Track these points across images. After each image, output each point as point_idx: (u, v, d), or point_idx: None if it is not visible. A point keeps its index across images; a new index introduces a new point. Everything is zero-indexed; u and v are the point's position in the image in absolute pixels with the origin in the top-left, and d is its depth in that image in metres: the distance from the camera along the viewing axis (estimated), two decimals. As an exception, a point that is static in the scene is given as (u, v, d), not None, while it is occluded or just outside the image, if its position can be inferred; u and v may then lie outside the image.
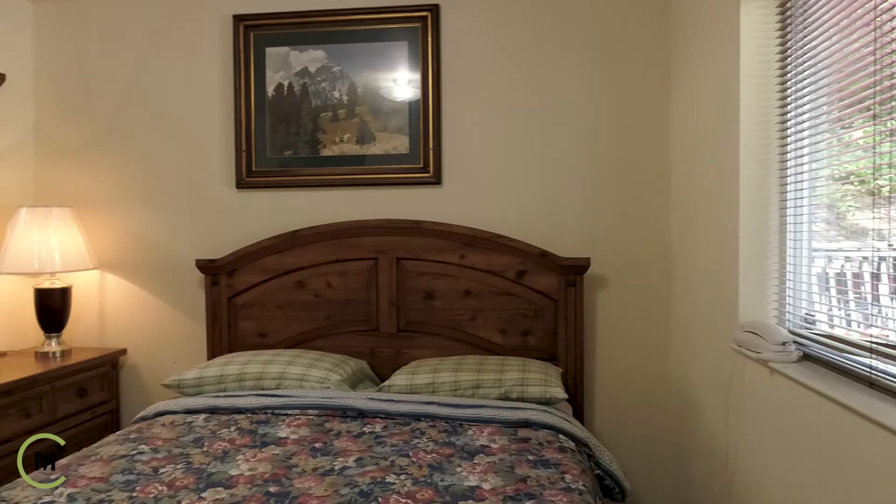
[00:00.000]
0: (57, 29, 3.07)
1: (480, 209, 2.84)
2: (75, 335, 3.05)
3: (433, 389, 2.34)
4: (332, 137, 2.89)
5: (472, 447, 1.92)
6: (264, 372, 2.42)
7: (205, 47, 2.98)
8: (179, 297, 3.00)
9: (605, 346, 2.80)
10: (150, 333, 3.02)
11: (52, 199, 3.07)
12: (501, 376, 2.34)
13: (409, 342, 2.78)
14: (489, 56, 2.82)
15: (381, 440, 1.98)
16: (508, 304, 2.73)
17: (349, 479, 1.67)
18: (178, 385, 2.44)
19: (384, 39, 2.85)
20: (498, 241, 2.72)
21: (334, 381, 2.40)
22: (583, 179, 2.78)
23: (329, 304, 2.82)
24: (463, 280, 2.75)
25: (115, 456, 1.85)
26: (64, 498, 1.57)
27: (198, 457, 1.85)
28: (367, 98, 2.87)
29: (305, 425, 2.13)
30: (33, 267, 2.68)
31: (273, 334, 2.85)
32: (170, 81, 3.01)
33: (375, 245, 2.79)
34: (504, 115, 2.82)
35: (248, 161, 2.93)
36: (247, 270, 2.86)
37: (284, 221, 2.93)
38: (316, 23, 2.87)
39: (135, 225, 3.03)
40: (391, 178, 2.85)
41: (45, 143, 3.08)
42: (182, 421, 2.18)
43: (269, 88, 2.92)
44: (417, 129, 2.83)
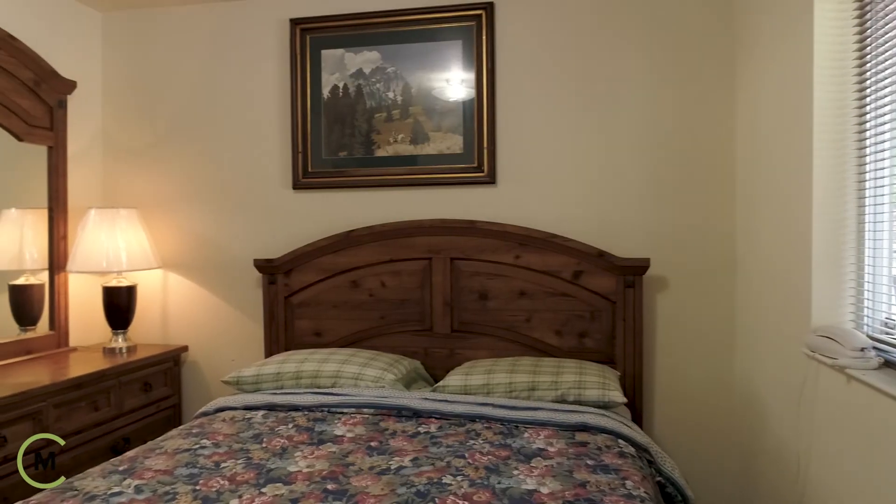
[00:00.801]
0: (124, 37, 3.19)
1: (535, 209, 2.79)
2: (140, 332, 3.16)
3: (488, 391, 2.32)
4: (387, 138, 2.90)
5: (529, 450, 1.89)
6: (320, 370, 2.44)
7: (263, 51, 3.04)
8: (238, 296, 3.07)
9: (665, 349, 2.71)
10: (210, 331, 3.10)
11: (118, 201, 3.19)
12: (558, 378, 2.29)
13: (462, 342, 2.76)
14: (544, 53, 2.78)
15: (436, 440, 1.97)
16: (564, 305, 2.68)
17: (405, 479, 1.66)
18: (238, 382, 2.49)
19: (438, 39, 2.85)
20: (553, 241, 2.67)
21: (389, 380, 2.40)
22: (642, 178, 2.71)
23: (383, 303, 2.83)
24: (517, 280, 2.72)
25: (179, 450, 1.90)
26: (131, 489, 1.61)
27: (257, 452, 1.88)
28: (420, 98, 2.87)
29: (361, 424, 2.13)
30: (101, 266, 2.78)
31: (328, 333, 2.88)
32: (229, 86, 3.08)
33: (429, 245, 2.79)
34: (560, 112, 2.77)
35: (304, 162, 2.97)
36: (303, 270, 2.90)
37: (339, 222, 2.96)
38: (370, 24, 2.89)
39: (196, 225, 3.12)
40: (445, 177, 2.84)
41: (112, 147, 3.21)
42: (241, 417, 2.22)
43: (324, 90, 2.95)
44: (471, 129, 2.82)
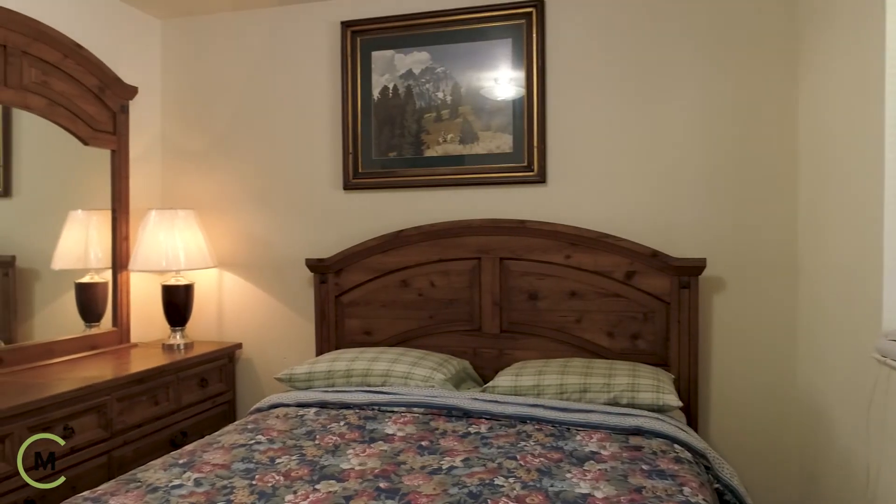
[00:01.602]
0: (182, 44, 3.29)
1: (587, 208, 2.75)
2: (197, 329, 3.25)
3: (538, 392, 2.29)
4: (436, 138, 2.90)
5: (582, 453, 1.86)
6: (370, 369, 2.46)
7: (314, 54, 3.08)
8: (290, 295, 3.12)
9: (721, 352, 2.63)
10: (263, 329, 3.17)
11: (176, 202, 3.29)
12: (610, 381, 2.25)
13: (512, 343, 2.74)
14: (596, 49, 2.73)
15: (486, 441, 1.96)
16: (616, 306, 2.63)
17: (457, 480, 1.66)
18: (290, 379, 2.54)
19: (488, 38, 2.83)
20: (605, 240, 2.63)
21: (438, 380, 2.40)
22: (697, 176, 2.64)
23: (432, 303, 2.84)
24: (568, 281, 2.68)
25: (235, 445, 1.94)
26: (191, 482, 1.66)
27: (310, 449, 1.90)
28: (470, 98, 2.86)
29: (411, 423, 2.14)
30: (161, 265, 2.88)
31: (378, 332, 2.90)
32: (282, 89, 3.14)
33: (479, 245, 2.78)
34: (612, 109, 2.72)
35: (354, 163, 3.00)
36: (353, 269, 2.93)
37: (389, 222, 2.98)
38: (420, 25, 2.90)
39: (250, 226, 3.19)
40: (494, 177, 2.82)
41: (171, 150, 3.31)
42: (294, 414, 2.26)
43: (374, 91, 2.98)
44: (521, 128, 2.79)
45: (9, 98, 2.44)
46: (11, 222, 2.53)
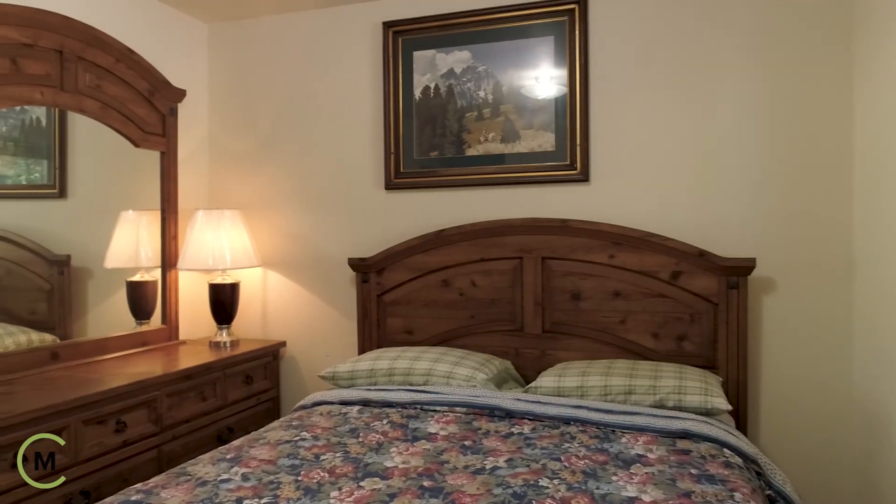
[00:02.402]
0: (228, 47, 3.36)
1: (631, 207, 2.70)
2: (242, 327, 3.31)
3: (582, 393, 2.26)
4: (477, 137, 2.89)
5: (628, 455, 1.82)
6: (412, 368, 2.47)
7: (356, 55, 3.11)
8: (333, 294, 3.16)
9: (772, 354, 2.55)
10: (306, 327, 3.21)
11: (223, 202, 3.36)
12: (656, 383, 2.20)
13: (554, 343, 2.71)
14: (640, 45, 2.69)
15: (530, 442, 1.94)
16: (662, 307, 2.57)
17: (501, 480, 1.65)
18: (333, 377, 2.56)
19: (529, 36, 2.81)
20: (650, 239, 2.58)
21: (480, 379, 2.39)
22: (746, 174, 2.56)
23: (474, 302, 2.83)
24: (612, 281, 2.64)
25: (281, 441, 1.97)
26: (239, 477, 1.69)
27: (354, 447, 1.92)
28: (511, 96, 2.84)
29: (454, 422, 2.14)
30: (208, 264, 2.94)
31: (419, 331, 2.91)
32: (325, 90, 3.18)
33: (520, 244, 2.76)
34: (657, 106, 2.67)
35: (396, 163, 3.02)
36: (395, 269, 2.94)
37: (430, 221, 2.98)
38: (461, 24, 2.90)
39: (294, 225, 3.24)
40: (536, 175, 2.80)
41: (217, 151, 3.39)
42: (338, 411, 2.28)
43: (416, 91, 2.99)
44: (564, 126, 2.76)
45: (65, 102, 2.53)
46: (66, 223, 2.62)
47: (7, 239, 2.40)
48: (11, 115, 2.41)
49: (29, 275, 2.48)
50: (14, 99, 2.34)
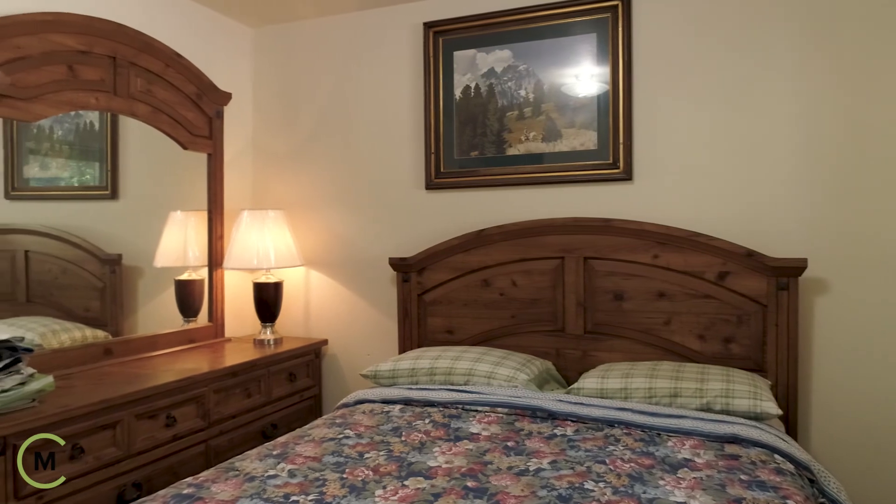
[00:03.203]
0: (272, 50, 3.42)
1: (675, 205, 2.65)
2: (285, 325, 3.37)
3: (625, 395, 2.23)
4: (518, 136, 2.88)
5: (674, 460, 1.79)
6: (453, 367, 2.47)
7: (397, 56, 3.13)
8: (374, 293, 3.19)
9: (824, 358, 2.47)
10: (347, 326, 3.25)
11: (266, 203, 3.42)
12: (702, 385, 2.16)
13: (596, 344, 2.68)
14: (685, 40, 2.63)
15: (573, 444, 1.92)
16: (708, 308, 2.52)
17: (546, 482, 1.64)
18: (375, 376, 2.58)
19: (571, 34, 2.79)
20: (696, 239, 2.52)
21: (521, 380, 2.38)
22: (797, 171, 2.49)
23: (514, 302, 2.82)
24: (656, 281, 2.60)
25: (325, 438, 2.00)
26: (285, 473, 1.72)
27: (397, 445, 1.93)
28: (553, 95, 2.82)
29: (496, 423, 2.13)
30: (252, 263, 3.00)
31: (459, 331, 2.91)
32: (366, 91, 3.21)
33: (562, 244, 2.73)
34: (703, 103, 2.61)
35: (436, 163, 3.02)
36: (435, 268, 2.95)
37: (471, 221, 2.98)
38: (502, 23, 2.89)
39: (335, 225, 3.28)
40: (578, 174, 2.77)
41: (261, 153, 3.45)
42: (380, 410, 2.30)
43: (456, 91, 2.99)
44: (606, 124, 2.73)
45: (118, 106, 2.61)
46: (118, 223, 2.70)
47: (63, 239, 2.49)
48: (67, 120, 2.49)
49: (83, 273, 2.57)
50: (71, 104, 2.43)
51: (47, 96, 2.34)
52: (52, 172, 2.46)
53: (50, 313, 2.44)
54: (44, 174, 2.43)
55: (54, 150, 2.46)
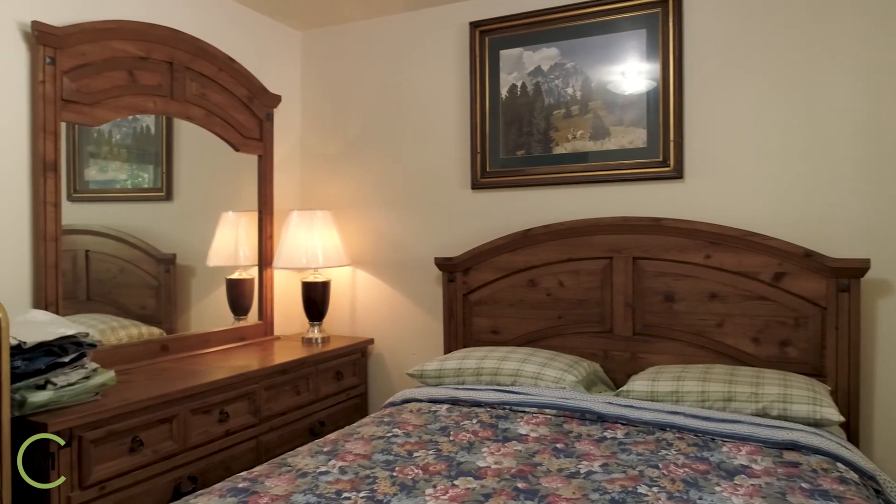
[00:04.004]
0: (319, 53, 3.47)
1: (728, 204, 2.59)
2: (332, 324, 3.41)
3: (677, 398, 2.19)
4: (565, 135, 2.85)
5: (731, 466, 1.74)
6: (500, 368, 2.46)
7: (443, 56, 3.14)
8: (419, 293, 3.20)
9: (887, 362, 2.37)
10: (393, 325, 3.27)
11: (314, 203, 3.47)
12: (758, 390, 2.10)
13: (645, 346, 2.64)
14: (739, 33, 2.56)
15: (624, 447, 1.89)
16: (763, 310, 2.45)
17: (597, 485, 1.62)
18: (421, 375, 2.59)
19: (619, 30, 2.74)
20: (750, 239, 2.45)
21: (569, 381, 2.36)
22: (859, 167, 2.39)
23: (561, 303, 2.79)
24: (708, 282, 2.54)
25: (374, 437, 2.01)
26: (336, 470, 1.74)
27: (445, 445, 1.93)
28: (601, 92, 2.78)
29: (544, 424, 2.12)
30: (301, 263, 3.05)
31: (505, 331, 2.90)
32: (412, 92, 3.22)
33: (610, 244, 2.69)
34: (757, 97, 2.54)
35: (482, 162, 3.02)
36: (481, 268, 2.95)
37: (517, 220, 2.96)
38: (549, 21, 2.87)
39: (381, 225, 3.31)
40: (627, 173, 2.73)
41: (309, 154, 3.51)
42: (427, 409, 2.31)
43: (502, 90, 2.98)
44: (656, 121, 2.68)
45: (174, 110, 2.69)
46: (172, 224, 2.78)
47: (120, 239, 2.57)
48: (125, 124, 2.58)
49: (139, 272, 2.65)
50: (131, 108, 2.51)
51: (109, 101, 2.42)
52: (110, 175, 2.55)
53: (109, 310, 2.53)
54: (102, 177, 2.52)
55: (113, 154, 2.55)
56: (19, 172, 2.21)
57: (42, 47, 2.19)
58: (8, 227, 2.17)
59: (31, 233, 2.23)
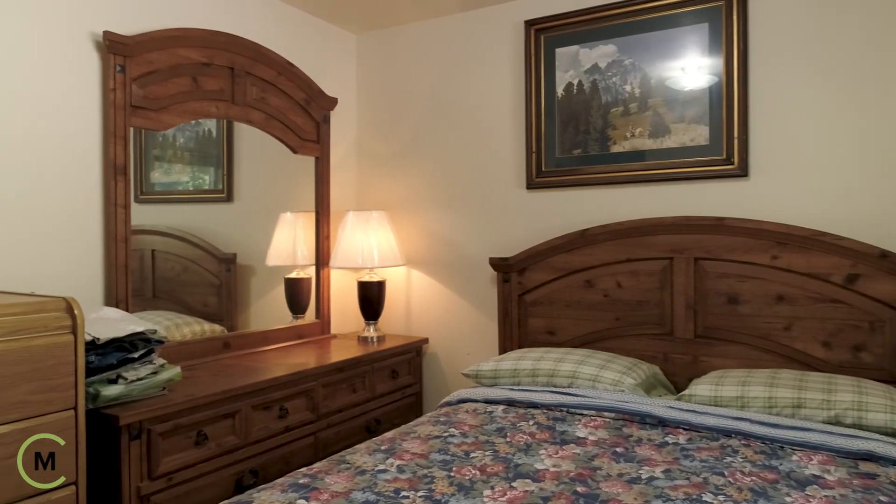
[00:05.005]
0: (374, 55, 3.50)
1: (797, 203, 2.48)
2: (387, 323, 3.44)
3: (742, 404, 2.11)
4: (623, 133, 2.79)
5: (801, 476, 1.67)
6: (556, 369, 2.43)
7: (497, 56, 3.12)
8: (473, 293, 3.19)
9: (973, 370, 2.23)
10: (447, 325, 3.28)
11: (370, 204, 3.51)
12: (830, 397, 2.00)
13: (707, 349, 2.56)
14: (807, 28, 2.45)
15: (687, 453, 1.84)
16: (834, 314, 2.34)
17: (660, 491, 1.57)
18: (476, 375, 2.59)
19: (681, 24, 2.67)
20: (820, 239, 2.35)
21: (628, 384, 2.31)
22: (941, 163, 2.26)
23: (619, 304, 2.73)
24: (775, 283, 2.44)
25: (431, 436, 2.02)
26: (394, 468, 1.75)
27: (502, 446, 1.92)
28: (660, 89, 2.71)
29: (602, 427, 2.08)
30: (357, 263, 3.09)
31: (561, 332, 2.86)
32: (466, 92, 3.22)
33: (670, 244, 2.62)
34: (827, 93, 2.43)
35: (537, 162, 2.99)
36: (536, 269, 2.92)
37: (573, 220, 2.92)
38: (606, 17, 2.81)
39: (436, 225, 3.31)
40: (688, 171, 2.65)
41: (364, 155, 3.55)
42: (483, 410, 2.30)
43: (558, 89, 2.94)
44: (719, 118, 2.59)
45: (235, 114, 2.76)
46: (233, 224, 2.86)
47: (184, 239, 2.66)
48: (187, 128, 2.67)
49: (202, 271, 2.74)
50: (194, 113, 2.60)
51: (174, 106, 2.51)
52: (174, 177, 2.64)
53: (173, 308, 2.62)
54: (167, 179, 2.61)
55: (176, 157, 2.64)
56: (92, 176, 2.31)
57: (113, 56, 2.29)
58: (82, 228, 2.28)
59: (102, 233, 2.34)
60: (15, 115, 2.10)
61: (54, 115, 2.20)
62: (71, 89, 2.24)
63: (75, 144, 2.26)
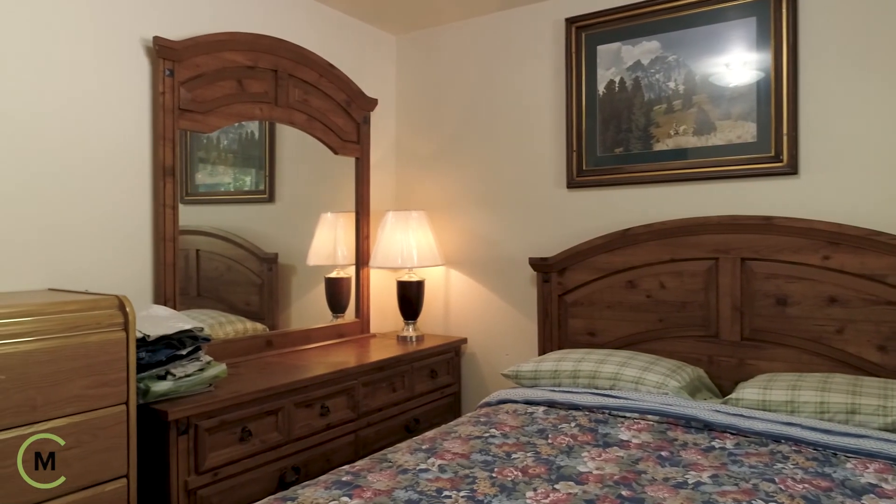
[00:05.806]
0: (414, 55, 3.52)
1: (850, 201, 2.40)
2: (426, 323, 3.45)
3: (792, 409, 2.05)
4: (667, 130, 2.74)
5: (856, 484, 1.61)
6: (598, 371, 2.40)
7: (537, 54, 3.10)
8: (513, 293, 3.18)
9: None
10: (486, 325, 3.27)
11: (409, 204, 3.53)
12: (887, 403, 1.93)
13: (754, 352, 2.49)
14: (859, 22, 2.37)
15: (735, 458, 1.79)
16: (890, 316, 2.25)
17: (708, 497, 1.54)
18: (516, 376, 2.57)
19: (727, 19, 2.61)
20: (876, 238, 2.26)
21: (672, 387, 2.26)
22: None
23: (662, 305, 2.68)
24: (826, 285, 2.36)
25: (471, 436, 2.01)
26: (436, 468, 1.75)
27: (544, 448, 1.90)
28: (705, 85, 2.65)
29: (646, 430, 2.04)
30: (396, 262, 3.11)
31: (602, 333, 2.83)
32: (506, 91, 3.21)
33: (716, 244, 2.56)
34: (880, 88, 2.34)
35: (578, 161, 2.96)
36: (577, 269, 2.89)
37: (614, 220, 2.88)
38: (649, 13, 2.77)
39: (475, 225, 3.31)
40: (735, 169, 2.59)
41: (404, 156, 3.56)
42: (523, 411, 2.28)
43: (599, 86, 2.90)
44: (767, 114, 2.52)
45: (278, 116, 2.81)
46: (275, 224, 2.91)
47: (227, 239, 2.71)
48: (231, 130, 2.72)
49: (244, 271, 2.79)
50: (239, 115, 2.65)
51: (220, 109, 2.56)
52: (217, 178, 2.69)
53: (216, 306, 2.67)
54: (211, 180, 2.66)
55: (220, 158, 2.69)
56: (142, 178, 2.38)
57: (162, 60, 2.35)
58: (133, 228, 2.34)
59: (152, 233, 2.40)
60: (70, 120, 2.17)
61: (108, 119, 2.27)
62: (123, 93, 2.31)
63: (127, 147, 2.33)
